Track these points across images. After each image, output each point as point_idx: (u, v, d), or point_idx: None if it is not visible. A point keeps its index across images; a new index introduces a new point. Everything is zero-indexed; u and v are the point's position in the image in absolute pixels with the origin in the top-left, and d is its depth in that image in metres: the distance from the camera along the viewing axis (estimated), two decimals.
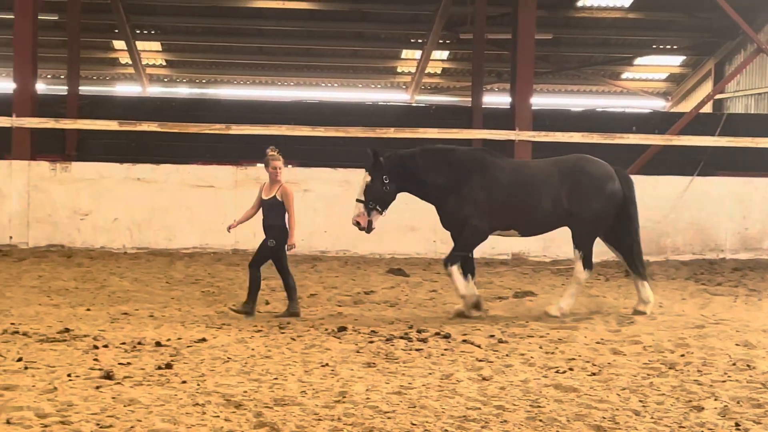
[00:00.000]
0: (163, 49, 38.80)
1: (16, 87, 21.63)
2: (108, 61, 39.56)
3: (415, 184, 13.27)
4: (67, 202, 20.57)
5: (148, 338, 10.95)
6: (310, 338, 11.31)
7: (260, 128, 22.28)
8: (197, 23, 36.76)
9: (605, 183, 13.42)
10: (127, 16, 34.92)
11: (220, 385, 8.66)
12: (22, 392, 8.24)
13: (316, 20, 36.07)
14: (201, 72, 40.54)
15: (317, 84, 40.91)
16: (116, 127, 22.42)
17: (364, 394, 8.44)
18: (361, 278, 17.41)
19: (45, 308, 13.22)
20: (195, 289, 15.59)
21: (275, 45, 37.77)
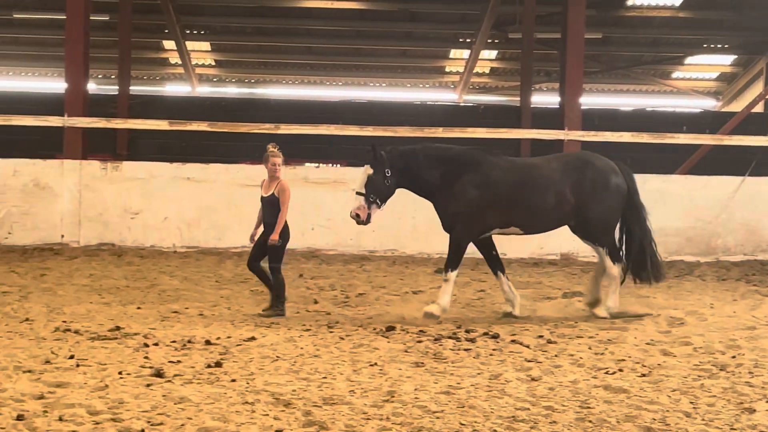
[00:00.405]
0: (212, 49, 39.02)
1: (67, 87, 21.85)
2: (158, 61, 39.86)
3: (412, 180, 13.21)
4: (118, 201, 20.75)
5: (198, 337, 11.01)
6: (358, 337, 11.32)
7: (309, 128, 22.35)
8: (247, 23, 36.94)
9: (610, 176, 13.36)
10: (177, 16, 35.15)
11: (269, 384, 8.68)
12: (73, 389, 8.31)
13: (365, 20, 36.12)
14: (250, 72, 40.72)
15: (366, 84, 40.96)
16: (166, 127, 22.57)
17: (413, 394, 8.43)
18: (409, 278, 17.41)
19: (96, 306, 13.34)
20: (244, 288, 15.66)
21: (324, 45, 37.87)
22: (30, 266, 17.66)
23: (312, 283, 16.46)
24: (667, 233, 21.25)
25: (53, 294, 14.49)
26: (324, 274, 17.69)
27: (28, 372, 8.94)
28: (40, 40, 37.29)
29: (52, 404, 7.78)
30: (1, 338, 10.71)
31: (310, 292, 15.38)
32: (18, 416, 7.38)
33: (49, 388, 8.30)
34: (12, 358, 9.53)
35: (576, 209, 13.19)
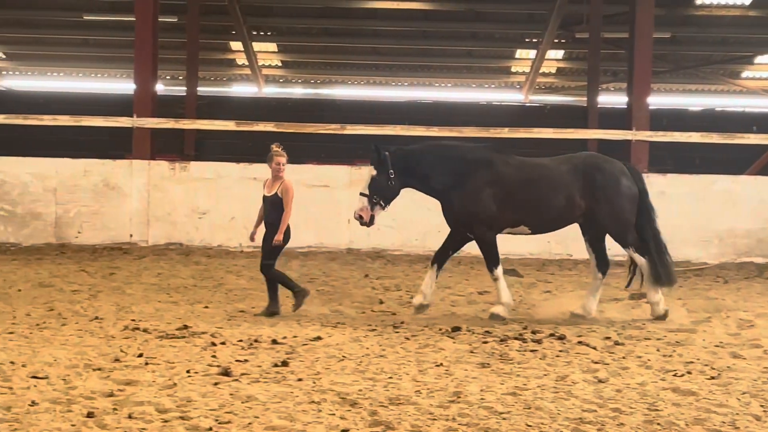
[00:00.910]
0: (278, 50, 39.21)
1: (136, 88, 22.08)
2: (225, 62, 40.15)
3: (419, 180, 13.16)
4: (186, 201, 20.93)
5: (265, 336, 11.08)
6: (424, 338, 11.32)
7: (375, 128, 22.37)
8: (313, 24, 37.08)
9: (620, 179, 13.23)
10: (244, 17, 35.37)
11: (335, 383, 8.72)
12: (142, 387, 8.41)
13: (430, 20, 36.10)
14: (316, 72, 40.86)
15: (431, 84, 40.93)
16: (233, 128, 22.73)
17: (479, 395, 8.42)
18: (474, 278, 17.37)
19: (164, 305, 13.46)
20: (310, 288, 15.69)
21: (390, 45, 37.90)
22: (99, 265, 17.87)
23: (377, 283, 16.48)
24: (736, 234, 21.05)
25: (122, 293, 14.65)
26: (389, 275, 17.71)
27: (98, 370, 9.06)
28: (109, 41, 37.74)
29: (122, 402, 7.87)
30: (72, 336, 10.86)
31: (376, 293, 15.40)
32: (88, 414, 7.48)
33: (119, 386, 8.41)
34: (82, 356, 9.67)
35: (587, 212, 13.09)
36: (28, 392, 8.11)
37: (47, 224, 20.94)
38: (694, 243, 20.88)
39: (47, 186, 21.08)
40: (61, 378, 8.67)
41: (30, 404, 7.71)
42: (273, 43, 38.60)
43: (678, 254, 20.21)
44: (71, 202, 20.98)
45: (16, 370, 8.94)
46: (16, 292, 14.48)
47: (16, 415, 7.42)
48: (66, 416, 7.44)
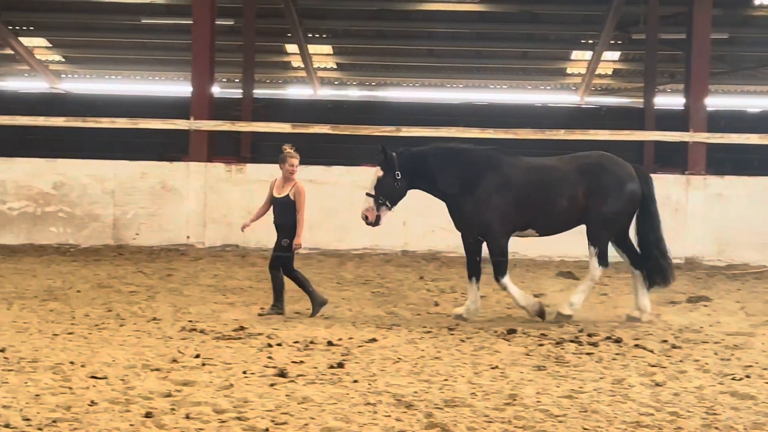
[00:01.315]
0: (334, 53, 39.32)
1: (193, 91, 22.24)
2: (281, 64, 40.33)
3: (426, 182, 13.07)
4: (242, 203, 21.01)
5: (320, 337, 11.12)
6: (479, 340, 11.31)
7: (430, 130, 22.35)
8: (368, 26, 37.15)
9: (625, 181, 13.07)
10: (300, 20, 35.52)
11: (390, 385, 8.73)
12: (200, 388, 8.47)
13: (485, 22, 36.03)
14: (371, 75, 40.92)
15: (486, 86, 40.84)
16: (289, 130, 22.81)
17: (535, 397, 8.40)
18: (530, 281, 17.31)
19: (221, 306, 13.56)
20: (365, 290, 15.76)
21: (445, 47, 37.88)
22: (157, 267, 18.03)
23: (433, 285, 16.48)
24: None
25: (179, 294, 14.78)
26: (445, 276, 17.70)
27: (156, 370, 9.14)
28: (167, 44, 38.07)
29: (179, 402, 7.94)
30: (130, 337, 10.97)
31: (431, 295, 15.40)
32: (147, 414, 7.55)
33: (176, 387, 8.48)
34: (140, 356, 9.76)
35: (585, 210, 12.97)
36: (87, 392, 8.20)
37: (105, 226, 21.16)
38: (752, 246, 20.65)
39: (105, 188, 21.30)
40: (120, 378, 8.76)
41: (89, 404, 7.80)
42: (328, 45, 38.71)
43: (736, 257, 20.16)
44: (129, 203, 21.18)
45: (76, 370, 9.05)
46: (75, 293, 14.66)
47: (76, 414, 7.51)
48: (124, 416, 7.52)
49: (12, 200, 21.44)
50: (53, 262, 18.65)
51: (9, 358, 9.49)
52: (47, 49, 40.06)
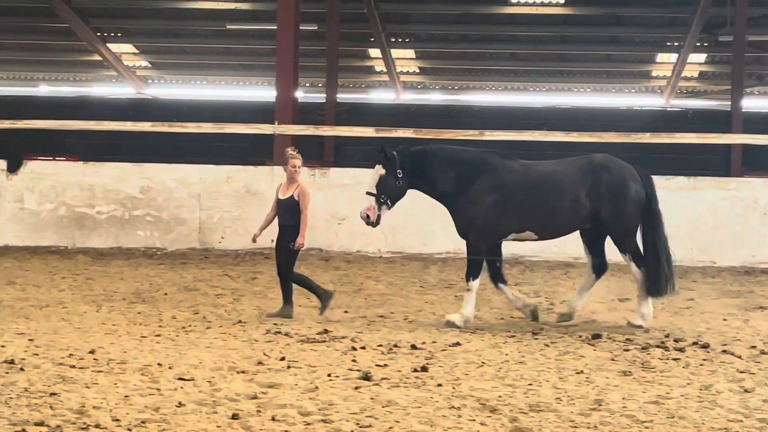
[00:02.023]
0: (416, 57, 39.35)
1: (278, 95, 22.42)
2: (364, 69, 40.45)
3: (424, 182, 13.02)
4: (326, 207, 21.12)
5: (404, 341, 11.14)
6: (563, 345, 11.25)
7: (513, 134, 22.30)
8: (450, 30, 37.14)
9: (628, 182, 12.87)
10: (383, 25, 35.62)
11: (474, 389, 8.72)
12: (285, 390, 8.54)
13: (569, 25, 35.84)
14: (454, 78, 40.88)
15: (570, 89, 40.56)
16: (372, 134, 22.89)
17: (621, 403, 8.33)
18: (615, 285, 17.13)
19: (305, 310, 13.64)
20: (448, 294, 15.75)
21: (528, 50, 37.73)
22: (242, 270, 18.20)
23: (516, 290, 16.40)
24: None
25: (264, 297, 14.90)
26: (528, 281, 17.63)
27: (242, 373, 9.23)
28: (251, 50, 38.41)
29: (265, 404, 8.01)
30: (216, 339, 11.09)
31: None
32: (233, 415, 7.63)
33: (262, 389, 8.56)
34: (226, 358, 9.87)
35: (592, 214, 12.80)
36: (175, 393, 8.31)
37: (191, 229, 21.41)
38: None
39: (191, 192, 21.55)
40: (207, 380, 8.86)
41: (177, 405, 7.90)
42: (411, 49, 38.76)
43: None
44: (214, 207, 21.41)
45: (164, 371, 9.17)
46: (162, 296, 14.87)
47: (164, 415, 7.62)
48: (211, 417, 7.60)
49: (100, 204, 21.79)
50: (141, 265, 18.92)
51: (98, 360, 9.65)
52: (134, 55, 40.65)
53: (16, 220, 21.89)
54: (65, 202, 21.88)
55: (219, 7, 35.55)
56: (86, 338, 10.94)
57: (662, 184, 20.74)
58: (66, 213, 21.82)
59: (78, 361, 9.55)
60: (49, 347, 10.26)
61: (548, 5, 34.27)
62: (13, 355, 9.68)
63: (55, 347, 10.27)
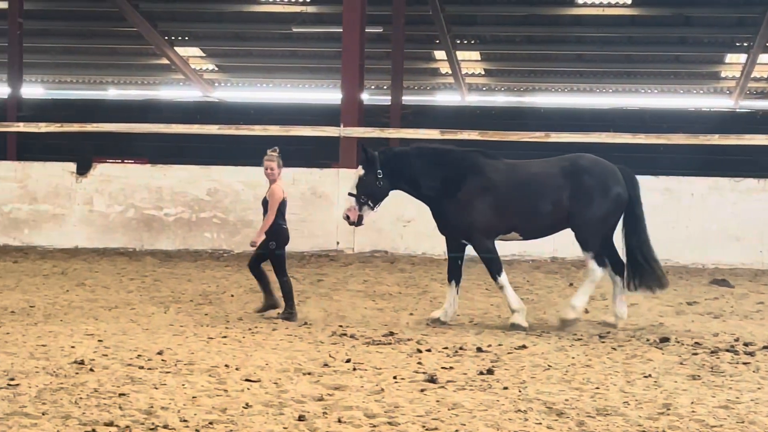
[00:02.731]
0: (482, 59, 39.26)
1: (343, 98, 22.48)
2: (429, 71, 40.44)
3: (408, 183, 12.92)
4: (391, 209, 21.02)
5: (469, 344, 11.12)
6: (631, 348, 11.15)
7: (580, 136, 22.15)
8: (516, 32, 37.00)
9: (609, 183, 12.70)
10: (448, 27, 35.58)
11: (541, 393, 8.67)
12: (351, 392, 8.55)
13: (636, 26, 35.52)
14: (519, 80, 40.74)
15: (637, 90, 40.24)
16: (438, 136, 22.85)
17: (689, 407, 8.23)
18: (682, 288, 17.00)
19: (370, 312, 13.66)
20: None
21: (595, 52, 37.48)
22: (307, 272, 18.27)
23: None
24: None
25: (330, 299, 14.95)
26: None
27: (308, 374, 9.26)
28: (317, 52, 38.54)
29: (331, 406, 8.03)
30: (282, 341, 11.15)
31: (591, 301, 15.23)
32: (299, 417, 7.66)
33: (328, 391, 8.58)
34: (292, 360, 9.91)
35: (570, 213, 12.68)
36: (242, 395, 8.36)
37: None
38: None
39: (258, 194, 21.46)
40: (273, 381, 8.90)
41: (244, 406, 7.94)
42: (476, 51, 38.68)
43: None
44: None
45: (230, 372, 9.23)
46: (228, 297, 14.98)
47: (231, 416, 7.66)
48: (278, 419, 7.63)
49: (168, 206, 22.00)
50: (207, 267, 19.08)
51: (166, 361, 9.74)
52: (201, 59, 41.01)
53: (85, 222, 22.17)
54: (134, 205, 22.13)
55: (285, 10, 35.74)
56: (154, 339, 11.05)
57: (732, 186, 20.68)
58: (134, 215, 22.06)
59: (146, 361, 9.65)
60: (118, 348, 10.37)
61: (615, 6, 33.99)
62: (82, 355, 9.80)
63: (123, 348, 10.38)
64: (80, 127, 24.83)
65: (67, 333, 11.33)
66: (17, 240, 22.13)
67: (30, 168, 22.73)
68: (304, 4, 35.14)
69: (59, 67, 42.32)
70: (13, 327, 11.75)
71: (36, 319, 12.56)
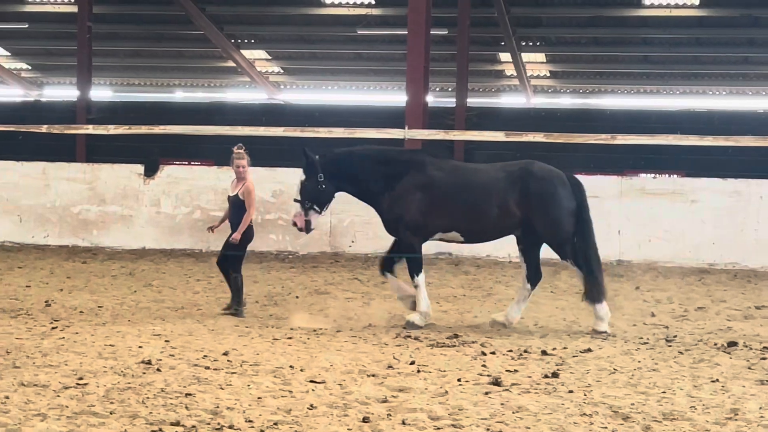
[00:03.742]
0: (547, 60, 39.09)
1: (408, 100, 22.47)
2: (494, 73, 40.35)
3: (351, 184, 12.87)
4: None
5: (534, 347, 11.08)
6: (698, 352, 11.04)
7: (646, 138, 21.98)
8: (582, 34, 36.78)
9: (557, 188, 12.57)
10: (513, 29, 35.44)
11: (606, 396, 8.62)
12: (415, 394, 8.56)
13: (704, 27, 35.14)
14: (585, 82, 40.50)
15: (705, 92, 39.84)
16: (503, 138, 22.77)
17: (758, 413, 8.14)
18: (751, 292, 16.80)
19: (435, 314, 13.62)
20: (579, 300, 15.52)
21: (661, 53, 37.11)
22: (372, 274, 18.28)
23: (649, 296, 16.18)
24: None
25: (393, 301, 14.92)
26: (661, 287, 17.34)
27: (372, 376, 9.29)
28: (382, 55, 38.61)
29: (395, 408, 8.04)
30: (346, 342, 11.18)
31: (647, 305, 15.12)
32: (364, 418, 7.68)
33: (392, 392, 8.59)
34: (357, 362, 9.93)
35: (523, 223, 12.58)
36: (306, 396, 8.40)
37: (322, 233, 21.61)
38: None
39: None
40: (338, 383, 8.93)
41: (308, 407, 7.98)
42: (542, 53, 38.52)
43: None
44: (345, 212, 21.53)
45: (295, 374, 9.28)
46: (293, 299, 15.06)
47: (296, 417, 7.70)
48: (342, 420, 7.66)
49: None
50: (273, 268, 19.19)
51: (232, 361, 9.81)
52: (267, 61, 41.26)
53: (152, 223, 22.40)
54: (200, 206, 22.31)
55: (350, 12, 35.82)
56: (220, 340, 11.14)
57: None
58: (201, 216, 22.23)
59: (212, 362, 9.73)
60: (185, 348, 10.47)
61: (682, 7, 33.63)
62: (149, 355, 9.90)
63: (190, 348, 10.48)
64: (148, 130, 25.06)
65: (134, 333, 11.46)
66: (86, 241, 22.41)
67: (99, 170, 23.01)
68: (369, 6, 35.20)
69: (127, 70, 42.83)
70: (81, 327, 11.91)
71: (104, 319, 12.72)
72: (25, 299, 14.38)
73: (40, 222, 22.61)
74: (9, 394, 8.15)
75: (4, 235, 22.53)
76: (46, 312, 13.21)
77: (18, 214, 22.65)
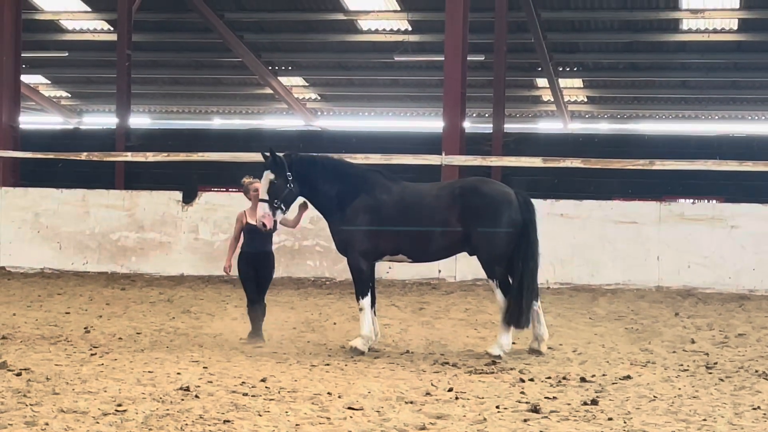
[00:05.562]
0: (584, 86, 39.09)
1: (444, 126, 22.51)
2: (531, 98, 40.37)
3: (310, 190, 12.77)
4: None
5: (573, 374, 11.01)
6: (739, 379, 10.93)
7: (685, 163, 21.89)
8: (619, 59, 36.77)
9: (500, 206, 12.33)
10: (551, 54, 35.47)
11: (646, 424, 8.56)
12: (453, 422, 8.53)
13: (742, 52, 35.03)
14: (622, 107, 40.46)
15: (744, 117, 39.65)
16: (540, 164, 22.76)
17: None
18: None
19: (472, 341, 13.61)
20: (618, 326, 15.48)
21: (699, 78, 37.04)
22: (409, 300, 18.28)
23: (689, 322, 16.05)
24: None
25: (431, 327, 14.93)
26: (701, 313, 17.20)
27: (410, 403, 9.26)
28: (418, 81, 38.75)
29: None
30: (384, 369, 11.16)
31: (687, 332, 14.99)
32: None
33: (430, 419, 8.57)
34: (394, 388, 9.91)
35: (464, 238, 12.37)
36: (344, 423, 8.39)
37: None
38: None
39: None
40: (375, 410, 8.92)
41: None
42: (579, 78, 38.52)
43: None
44: None
45: (333, 400, 9.27)
46: (331, 325, 15.04)
47: None
48: None
49: None
50: (310, 294, 19.20)
51: (270, 388, 9.82)
52: (304, 88, 41.50)
53: (190, 249, 22.48)
54: None
55: (387, 39, 35.98)
56: (258, 366, 11.15)
57: None
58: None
59: (250, 389, 9.74)
60: (223, 375, 10.49)
61: (721, 32, 33.55)
62: (188, 382, 9.93)
63: (228, 375, 10.50)
64: (186, 157, 25.23)
65: (172, 360, 11.50)
66: (125, 267, 22.52)
67: (138, 197, 23.14)
68: (405, 32, 35.35)
69: (166, 98, 43.22)
70: (120, 354, 11.97)
71: (143, 345, 12.77)
72: (65, 326, 14.47)
73: (80, 249, 22.75)
74: (49, 421, 8.19)
75: (45, 262, 22.68)
76: (86, 338, 13.28)
77: (58, 241, 22.80)
